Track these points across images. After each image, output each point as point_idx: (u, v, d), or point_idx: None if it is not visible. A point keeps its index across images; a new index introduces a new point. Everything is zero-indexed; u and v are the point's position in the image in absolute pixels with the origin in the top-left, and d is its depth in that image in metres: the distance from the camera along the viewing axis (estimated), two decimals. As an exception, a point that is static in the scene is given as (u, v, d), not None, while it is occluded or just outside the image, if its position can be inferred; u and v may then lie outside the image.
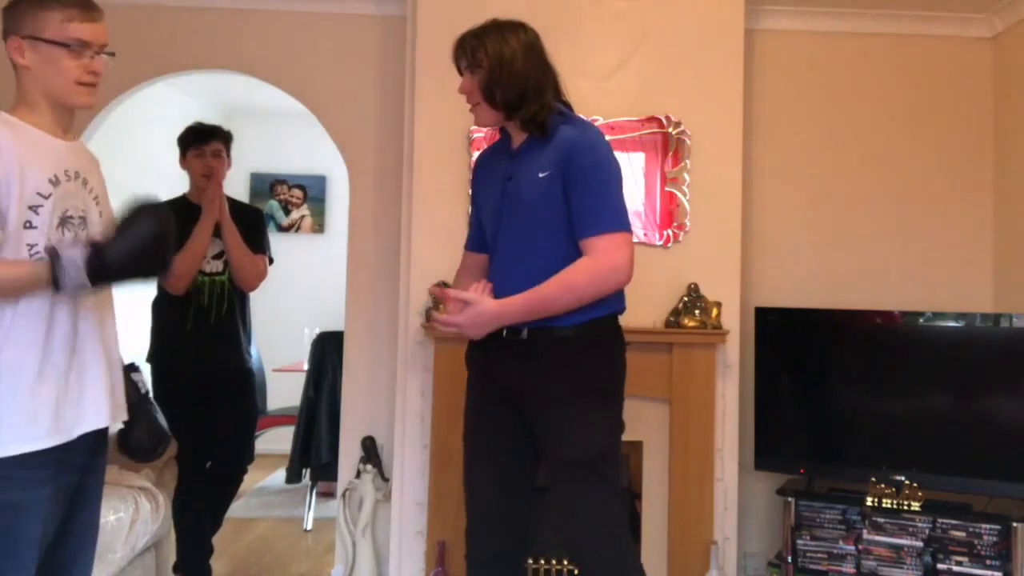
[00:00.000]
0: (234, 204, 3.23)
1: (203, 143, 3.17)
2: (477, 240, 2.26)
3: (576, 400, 2.00)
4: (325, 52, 3.54)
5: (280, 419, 4.83)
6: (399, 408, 3.21)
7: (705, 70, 3.25)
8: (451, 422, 3.04)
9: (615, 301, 2.08)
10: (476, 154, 3.18)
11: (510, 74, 2.00)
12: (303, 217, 6.26)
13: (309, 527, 4.29)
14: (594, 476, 2.01)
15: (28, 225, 1.61)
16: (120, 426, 1.86)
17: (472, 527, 2.18)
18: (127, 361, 1.92)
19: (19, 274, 1.57)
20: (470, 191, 2.30)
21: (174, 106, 5.21)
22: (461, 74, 2.11)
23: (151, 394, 2.01)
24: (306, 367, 4.42)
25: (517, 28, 2.08)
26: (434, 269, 3.14)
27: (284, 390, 5.13)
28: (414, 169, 3.21)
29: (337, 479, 3.51)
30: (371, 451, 3.35)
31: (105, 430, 1.81)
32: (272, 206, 6.19)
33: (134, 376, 1.90)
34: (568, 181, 1.98)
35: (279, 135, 6.12)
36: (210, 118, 3.58)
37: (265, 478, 5.24)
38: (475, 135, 3.19)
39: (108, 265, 1.58)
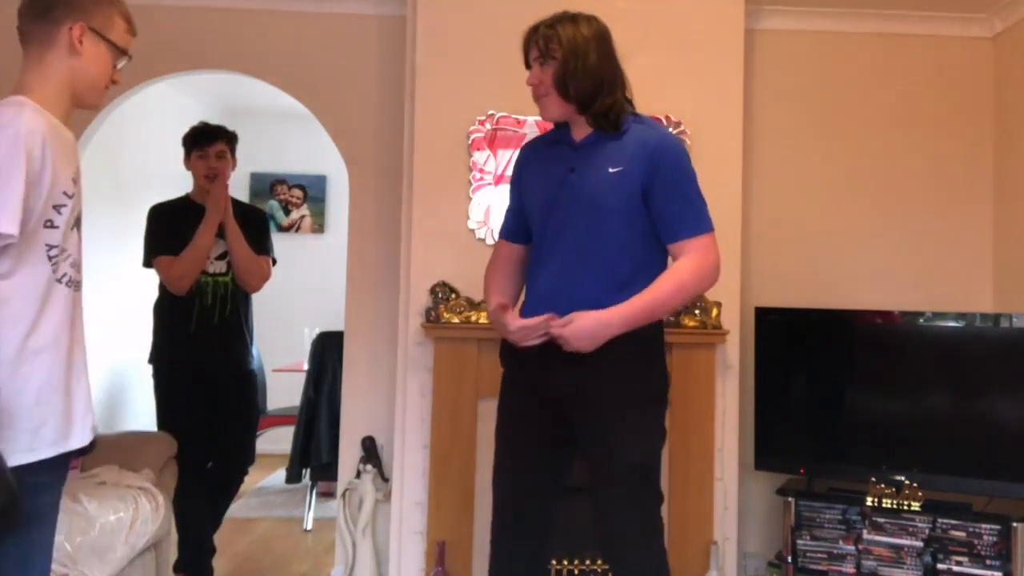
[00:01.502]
0: (238, 205, 3.23)
1: (207, 144, 3.17)
2: (516, 230, 2.20)
3: (632, 405, 1.99)
4: (325, 52, 3.54)
5: (280, 419, 4.83)
6: (399, 408, 3.21)
7: (705, 70, 3.25)
8: (451, 422, 3.04)
9: None
10: (474, 153, 3.18)
11: (584, 66, 1.97)
12: (303, 217, 6.26)
13: (309, 527, 4.29)
14: (644, 482, 2.00)
15: (49, 224, 1.58)
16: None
17: (498, 524, 2.14)
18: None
19: None
20: (512, 179, 2.24)
21: (174, 106, 5.21)
22: (528, 66, 2.07)
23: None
24: (306, 367, 4.42)
25: (590, 19, 2.05)
26: (434, 269, 3.14)
27: (284, 390, 5.13)
28: (414, 169, 3.21)
29: (337, 479, 3.51)
30: (371, 451, 3.35)
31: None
32: (272, 206, 6.19)
33: None
34: (656, 184, 1.97)
35: (279, 135, 6.11)
36: (210, 118, 3.58)
37: (265, 478, 5.24)
38: (475, 135, 3.19)
39: None
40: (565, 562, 3.07)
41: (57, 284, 1.61)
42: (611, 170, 1.98)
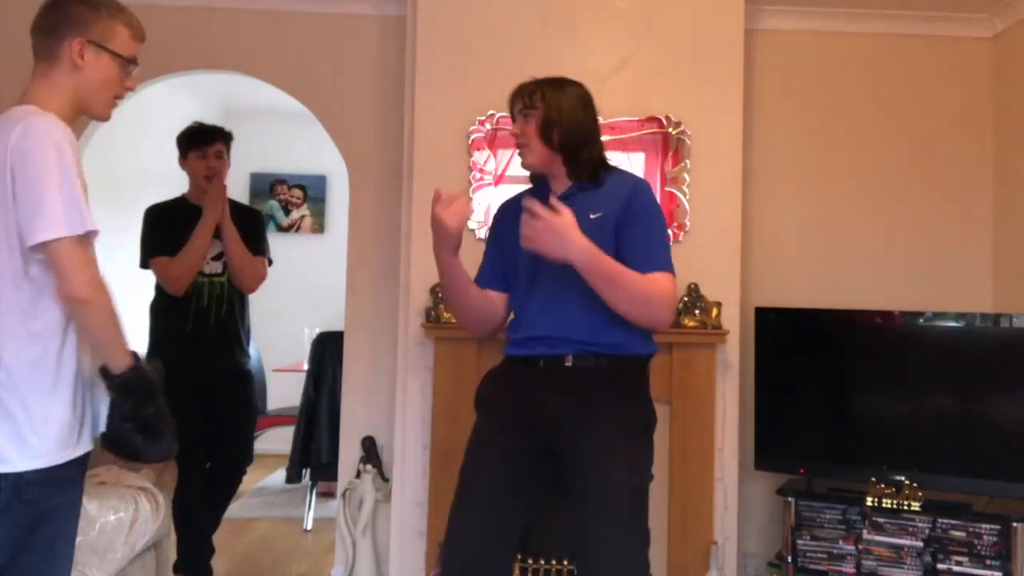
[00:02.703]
0: (234, 205, 3.22)
1: (205, 144, 3.16)
2: (493, 277, 2.23)
3: (622, 432, 2.00)
4: (325, 52, 3.54)
5: (280, 419, 4.83)
6: (399, 408, 3.21)
7: (705, 70, 3.25)
8: (451, 422, 3.04)
9: (652, 343, 2.14)
10: (474, 153, 3.17)
11: (571, 118, 2.06)
12: (303, 217, 6.26)
13: (309, 527, 4.29)
14: (632, 510, 1.97)
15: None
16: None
17: (461, 556, 2.01)
18: None
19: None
20: (491, 234, 2.30)
21: (174, 106, 5.20)
22: (514, 120, 2.13)
23: None
24: (306, 367, 4.42)
25: (574, 82, 2.15)
26: (434, 269, 3.11)
27: (284, 390, 5.13)
28: (414, 169, 3.21)
29: (337, 479, 3.52)
30: (371, 451, 3.35)
31: None
32: (272, 206, 6.19)
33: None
34: (626, 221, 2.03)
35: (279, 135, 6.12)
36: (210, 118, 3.58)
37: (265, 478, 5.24)
38: (475, 135, 3.19)
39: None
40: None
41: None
42: (592, 216, 2.03)
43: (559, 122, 2.05)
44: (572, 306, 2.01)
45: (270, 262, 3.34)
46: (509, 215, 2.21)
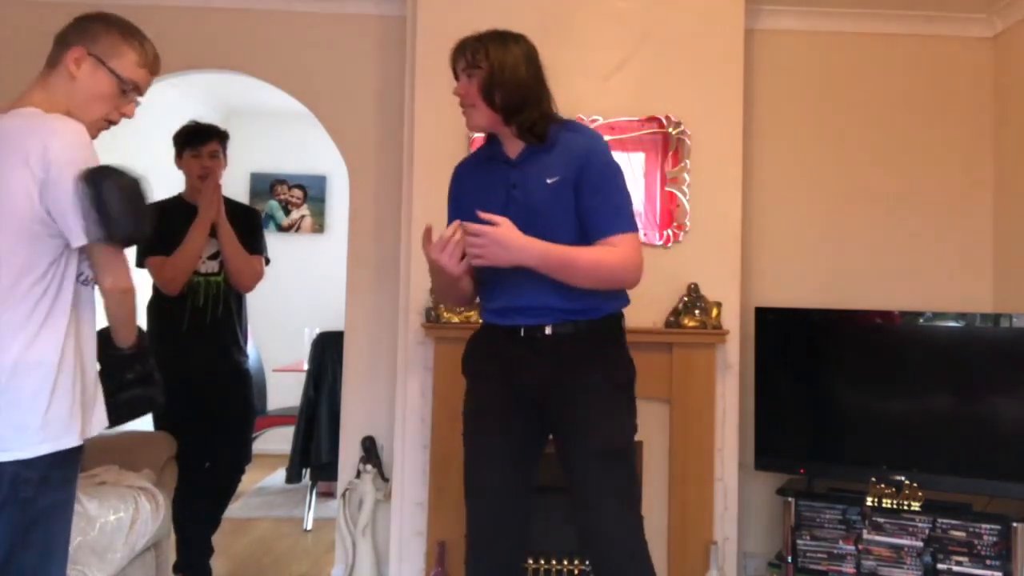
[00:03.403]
0: (230, 204, 3.22)
1: (200, 143, 3.16)
2: None
3: (606, 390, 2.05)
4: (325, 52, 3.54)
5: (280, 419, 4.83)
6: (399, 408, 3.21)
7: (705, 70, 3.25)
8: (451, 422, 3.03)
9: (625, 298, 2.15)
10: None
11: (513, 77, 2.02)
12: (303, 217, 6.26)
13: (309, 527, 4.29)
14: (623, 465, 2.05)
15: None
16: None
17: (478, 525, 2.17)
18: None
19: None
20: (449, 200, 2.24)
21: (174, 106, 5.20)
22: (457, 78, 2.11)
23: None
24: (306, 367, 4.41)
25: (518, 37, 2.11)
26: (434, 269, 3.14)
27: (284, 390, 5.13)
28: (414, 169, 3.21)
29: (337, 479, 3.51)
30: (371, 451, 3.35)
31: None
32: (272, 206, 6.19)
33: None
34: (583, 183, 2.02)
35: (279, 135, 6.12)
36: (210, 118, 3.58)
37: (265, 478, 5.24)
38: (475, 135, 3.18)
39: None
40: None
41: (80, 284, 1.71)
42: (548, 181, 2.03)
43: (501, 82, 2.01)
44: (544, 279, 2.02)
45: (267, 260, 3.33)
46: (467, 178, 2.21)
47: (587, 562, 2.99)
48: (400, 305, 3.25)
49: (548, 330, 2.05)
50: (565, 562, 3.09)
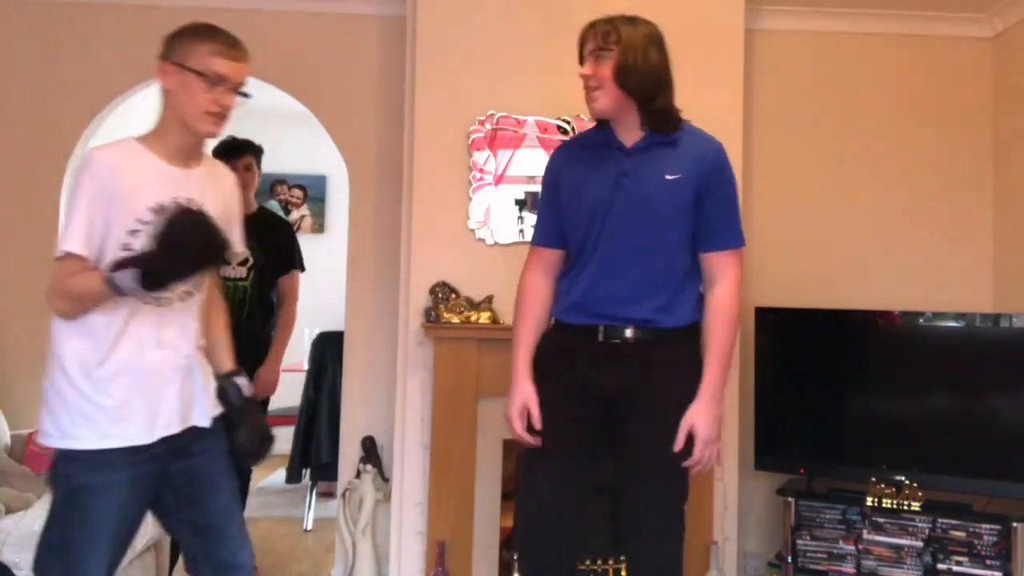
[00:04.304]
0: (264, 214, 3.27)
1: (236, 157, 3.23)
2: (553, 235, 2.10)
3: (685, 402, 1.96)
4: (325, 52, 3.54)
5: (280, 419, 4.82)
6: (399, 408, 3.21)
7: (705, 70, 3.24)
8: (451, 422, 3.04)
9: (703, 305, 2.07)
10: (474, 153, 3.17)
11: (646, 61, 1.95)
12: (303, 217, 6.26)
13: (309, 527, 4.29)
14: (681, 479, 2.00)
15: (126, 248, 1.74)
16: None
17: (534, 524, 2.06)
18: (228, 366, 2.02)
19: (88, 287, 1.70)
20: (546, 183, 2.13)
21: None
22: (582, 61, 2.02)
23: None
24: (306, 367, 4.41)
25: (648, 22, 2.04)
26: (434, 269, 3.14)
27: (284, 390, 5.10)
28: (414, 169, 3.21)
29: (337, 479, 3.51)
30: (371, 451, 3.35)
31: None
32: (272, 206, 6.19)
33: (236, 380, 1.98)
34: (708, 189, 1.97)
35: (279, 135, 6.10)
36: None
37: (265, 478, 5.24)
38: (475, 135, 3.19)
39: (154, 274, 1.68)
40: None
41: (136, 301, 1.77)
42: (668, 177, 1.96)
43: (635, 66, 1.92)
44: (635, 279, 1.97)
45: (303, 268, 3.47)
46: (569, 164, 2.09)
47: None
48: (400, 305, 3.25)
49: (629, 334, 1.98)
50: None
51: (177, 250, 1.68)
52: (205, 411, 1.88)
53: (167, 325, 1.82)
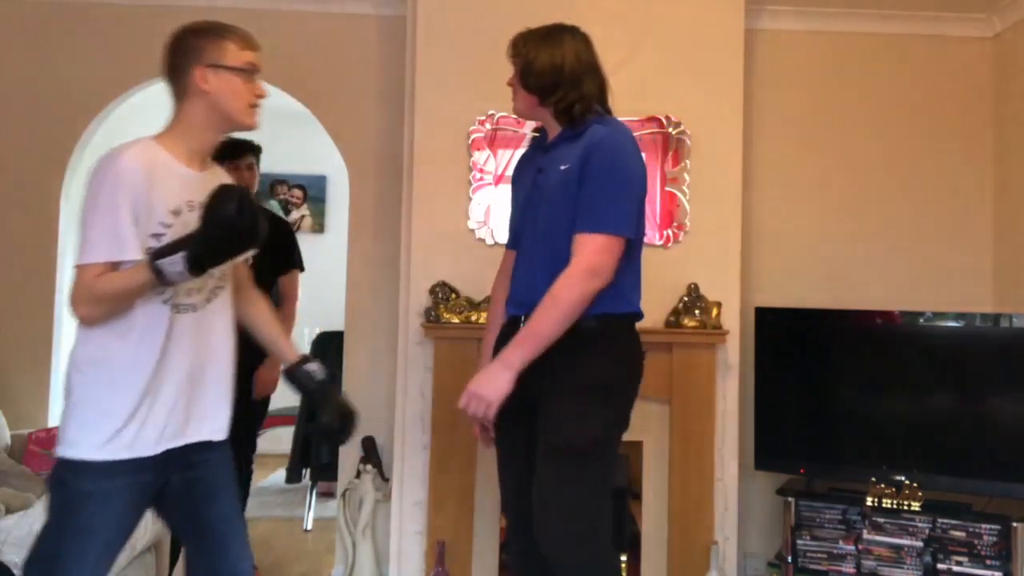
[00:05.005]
0: (263, 214, 3.26)
1: (238, 157, 3.23)
2: (512, 238, 2.24)
3: (574, 390, 1.99)
4: (325, 52, 3.54)
5: (280, 419, 4.82)
6: (399, 408, 3.21)
7: (705, 70, 3.25)
8: (451, 422, 3.04)
9: (633, 301, 2.08)
10: (474, 153, 3.18)
11: (548, 60, 2.06)
12: (303, 217, 6.26)
13: (309, 527, 4.29)
14: (577, 468, 1.96)
15: (150, 251, 1.72)
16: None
17: (507, 520, 2.23)
18: (292, 357, 2.06)
19: (128, 283, 1.67)
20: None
21: (174, 106, 5.20)
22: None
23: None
24: (306, 367, 4.40)
25: (567, 28, 2.15)
26: (434, 269, 3.14)
27: (284, 390, 5.10)
28: (414, 169, 3.21)
29: (337, 479, 3.51)
30: (371, 451, 3.35)
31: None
32: (272, 206, 6.19)
33: (305, 367, 2.04)
34: (582, 176, 1.99)
35: (279, 135, 6.09)
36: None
37: (265, 478, 5.24)
38: (475, 135, 3.19)
39: (201, 256, 1.66)
40: None
41: (161, 305, 1.76)
42: (562, 168, 2.03)
43: (531, 66, 2.07)
44: (537, 269, 2.03)
45: (302, 268, 3.45)
46: (519, 166, 2.28)
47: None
48: (400, 305, 3.25)
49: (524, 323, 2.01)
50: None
51: (226, 228, 1.66)
52: (217, 425, 1.90)
53: (187, 335, 1.81)
